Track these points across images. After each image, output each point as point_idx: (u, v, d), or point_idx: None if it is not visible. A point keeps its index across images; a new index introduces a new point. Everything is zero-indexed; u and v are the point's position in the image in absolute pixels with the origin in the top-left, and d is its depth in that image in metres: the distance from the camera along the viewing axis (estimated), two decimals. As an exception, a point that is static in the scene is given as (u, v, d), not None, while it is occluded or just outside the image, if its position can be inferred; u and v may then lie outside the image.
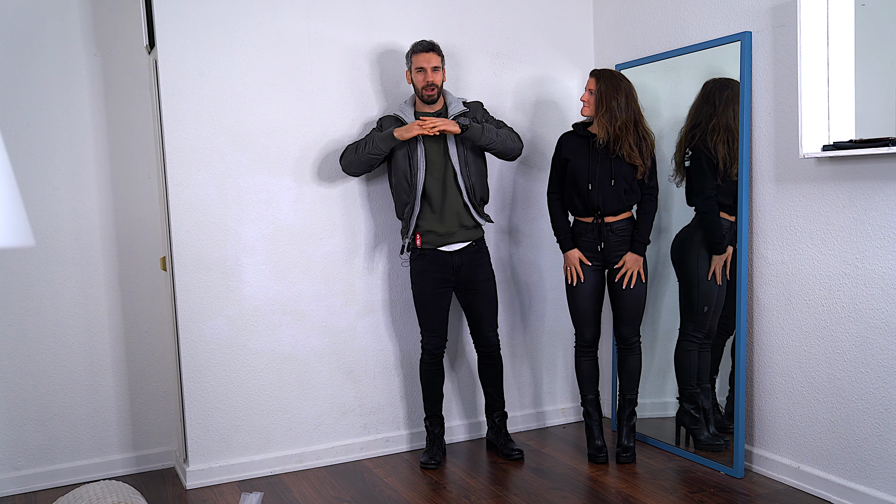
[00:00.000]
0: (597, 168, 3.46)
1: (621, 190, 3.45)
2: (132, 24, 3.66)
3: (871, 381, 2.90)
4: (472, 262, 3.60)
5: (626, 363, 3.62)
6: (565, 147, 3.58)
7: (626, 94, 3.41)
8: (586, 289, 3.56)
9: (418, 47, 3.48)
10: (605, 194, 3.45)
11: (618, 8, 4.02)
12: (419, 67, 3.47)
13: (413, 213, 3.50)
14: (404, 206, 3.54)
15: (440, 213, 3.52)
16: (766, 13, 3.20)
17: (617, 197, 3.45)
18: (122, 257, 3.70)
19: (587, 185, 3.47)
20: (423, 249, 3.55)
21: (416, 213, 3.50)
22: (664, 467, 3.53)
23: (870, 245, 2.87)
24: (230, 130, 3.52)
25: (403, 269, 3.85)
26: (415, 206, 3.50)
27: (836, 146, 2.87)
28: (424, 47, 3.47)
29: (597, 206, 3.47)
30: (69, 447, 3.64)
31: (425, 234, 3.53)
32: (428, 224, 3.52)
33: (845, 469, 3.02)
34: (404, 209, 3.54)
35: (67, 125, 3.57)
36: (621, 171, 3.44)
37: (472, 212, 3.56)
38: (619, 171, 3.44)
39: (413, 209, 3.50)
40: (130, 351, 3.73)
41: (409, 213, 3.52)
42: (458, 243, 3.56)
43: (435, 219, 3.52)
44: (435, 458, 3.66)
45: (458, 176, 3.51)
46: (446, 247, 3.55)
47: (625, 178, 3.44)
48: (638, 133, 3.43)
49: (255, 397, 3.62)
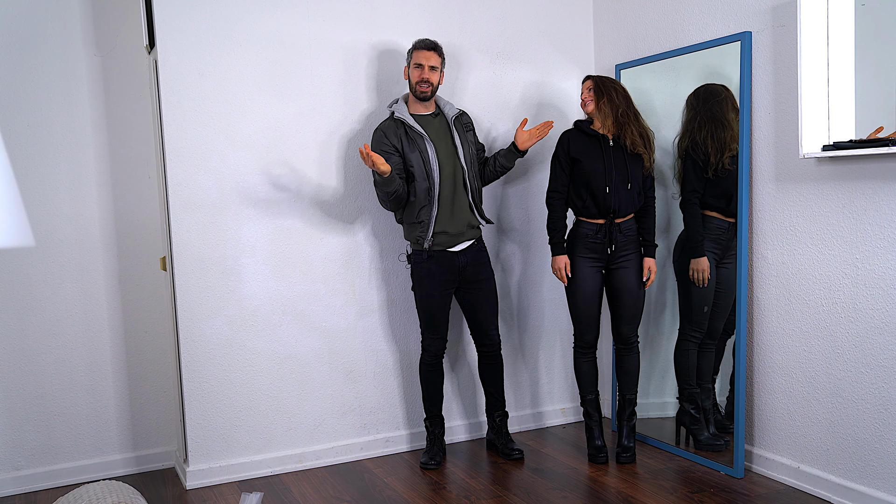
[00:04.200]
0: (613, 171, 3.45)
1: (635, 192, 3.48)
2: (132, 24, 3.66)
3: (871, 381, 2.90)
4: (476, 260, 3.60)
5: (626, 363, 3.62)
6: (573, 146, 3.52)
7: (622, 92, 3.48)
8: (587, 289, 3.56)
9: (420, 44, 3.49)
10: (621, 197, 3.46)
11: (618, 8, 4.02)
12: (418, 63, 3.47)
13: (432, 215, 3.48)
14: (420, 209, 3.50)
15: (451, 213, 3.52)
16: (766, 13, 3.20)
17: (631, 199, 3.48)
18: (122, 257, 3.70)
19: (604, 188, 3.45)
20: (430, 251, 3.54)
21: (434, 214, 3.48)
22: (664, 467, 3.53)
23: (870, 245, 2.87)
24: (230, 130, 3.52)
25: (403, 270, 3.84)
26: (433, 207, 3.48)
27: (836, 146, 2.87)
28: (426, 45, 3.48)
29: (613, 208, 3.47)
30: (69, 447, 3.64)
31: (437, 236, 3.52)
32: (441, 225, 3.51)
33: (845, 469, 3.02)
34: (420, 211, 3.50)
35: (67, 125, 3.57)
36: (635, 173, 3.46)
37: (475, 212, 3.57)
38: (634, 172, 3.46)
39: (431, 211, 3.48)
40: (130, 351, 3.73)
41: (426, 214, 3.49)
42: (463, 242, 3.57)
43: (448, 219, 3.52)
44: (435, 459, 3.66)
45: (466, 176, 3.53)
46: (454, 247, 3.56)
47: (637, 179, 3.47)
48: (639, 124, 3.48)
49: (255, 397, 3.62)
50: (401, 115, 3.48)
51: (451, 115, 3.56)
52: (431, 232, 3.48)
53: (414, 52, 3.49)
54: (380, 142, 3.49)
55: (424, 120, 3.54)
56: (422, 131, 3.47)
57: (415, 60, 3.48)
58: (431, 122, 3.55)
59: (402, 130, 3.49)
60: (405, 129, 3.49)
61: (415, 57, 3.48)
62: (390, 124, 3.51)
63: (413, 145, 3.47)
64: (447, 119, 3.57)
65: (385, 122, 3.53)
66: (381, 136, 3.49)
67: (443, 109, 3.59)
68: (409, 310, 3.88)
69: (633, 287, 3.52)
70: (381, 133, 3.50)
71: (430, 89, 3.49)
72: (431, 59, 3.47)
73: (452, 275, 3.56)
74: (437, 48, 3.50)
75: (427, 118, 3.55)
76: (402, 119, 3.48)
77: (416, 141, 3.47)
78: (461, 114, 3.62)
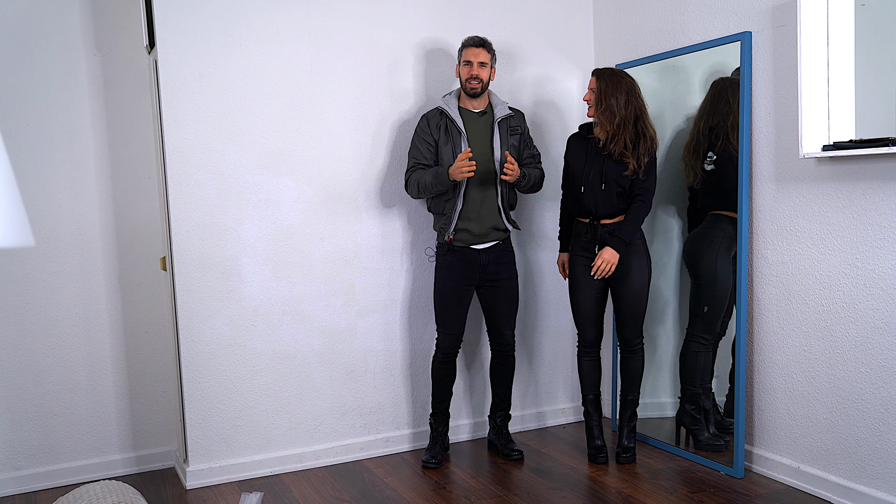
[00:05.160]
0: (590, 171, 3.46)
1: (613, 193, 3.43)
2: (132, 24, 3.66)
3: (871, 381, 2.90)
4: (499, 260, 3.61)
5: (629, 365, 3.62)
6: (569, 149, 3.62)
7: (628, 91, 3.38)
8: (587, 289, 3.56)
9: (469, 41, 3.53)
10: (596, 197, 3.45)
11: (618, 8, 4.02)
12: (467, 61, 3.51)
13: (456, 209, 3.50)
14: (447, 201, 3.54)
15: (478, 213, 3.53)
16: (766, 13, 3.20)
17: (609, 200, 3.44)
18: (122, 257, 3.70)
19: (579, 187, 3.49)
20: (452, 246, 3.56)
21: (458, 209, 3.50)
22: (664, 467, 3.53)
23: (870, 245, 2.87)
24: (230, 130, 3.52)
25: (404, 270, 3.85)
26: (457, 202, 3.50)
27: (836, 146, 2.87)
28: (475, 42, 3.52)
29: (589, 208, 3.47)
30: (69, 447, 3.64)
31: (459, 233, 3.54)
32: (464, 223, 3.53)
33: (845, 469, 3.02)
34: (446, 204, 3.54)
35: (67, 125, 3.57)
36: (613, 175, 3.42)
37: (503, 216, 3.58)
38: (611, 174, 3.42)
39: (456, 205, 3.50)
40: (130, 351, 3.73)
41: (451, 208, 3.52)
42: (488, 242, 3.58)
43: (472, 218, 3.53)
44: (436, 458, 3.66)
45: (498, 179, 3.54)
46: (477, 245, 3.57)
47: (616, 180, 3.42)
48: (637, 130, 3.39)
49: (255, 397, 3.62)
50: (445, 108, 3.54)
51: (500, 115, 3.57)
52: (454, 226, 3.52)
53: (463, 49, 3.53)
54: (423, 130, 3.57)
55: (469, 116, 3.56)
56: (461, 127, 3.52)
57: (464, 58, 3.52)
58: (476, 120, 3.57)
59: (443, 122, 3.55)
60: (447, 121, 3.54)
61: (464, 54, 3.52)
62: (435, 114, 3.58)
63: (448, 138, 3.53)
64: (493, 119, 3.58)
65: (431, 111, 3.60)
66: (425, 123, 3.58)
67: (494, 108, 3.61)
68: (410, 309, 3.88)
69: (631, 290, 3.51)
70: (426, 121, 3.59)
71: (480, 86, 3.52)
72: (480, 56, 3.50)
73: (473, 272, 3.58)
74: (486, 44, 3.52)
75: (473, 115, 3.57)
76: (446, 111, 3.53)
77: (452, 135, 3.52)
78: (512, 115, 3.61)
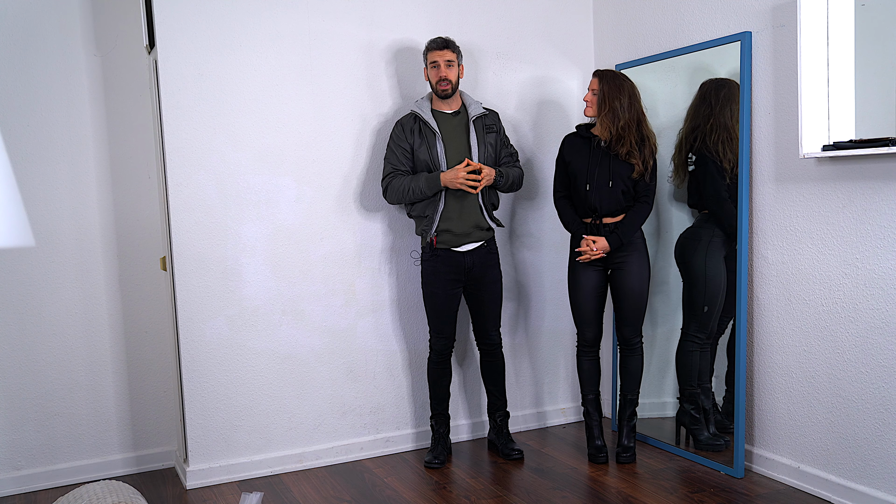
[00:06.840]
0: (595, 169, 3.46)
1: (619, 191, 3.44)
2: (132, 24, 3.66)
3: (871, 381, 2.90)
4: (484, 262, 3.61)
5: (628, 364, 3.62)
6: (566, 150, 3.59)
7: (629, 95, 3.40)
8: (587, 288, 3.56)
9: (433, 44, 3.53)
10: (601, 196, 3.45)
11: (618, 8, 4.02)
12: (433, 62, 3.51)
13: (437, 211, 3.50)
14: (427, 204, 3.53)
15: (458, 213, 3.53)
16: (766, 13, 3.20)
17: (614, 198, 3.45)
18: (122, 257, 3.70)
19: (585, 185, 3.48)
20: (436, 250, 3.56)
21: (440, 210, 3.50)
22: (664, 467, 3.53)
23: (870, 245, 2.87)
24: (230, 130, 3.52)
25: (404, 270, 3.85)
26: (438, 203, 3.51)
27: (836, 146, 2.87)
28: (438, 44, 3.51)
29: (594, 207, 3.47)
30: (69, 447, 3.64)
31: (441, 234, 3.54)
32: (445, 223, 3.53)
33: (845, 469, 3.02)
34: (426, 207, 3.54)
35: (67, 125, 3.57)
36: (620, 172, 3.43)
37: (485, 215, 3.57)
38: (618, 171, 3.43)
39: (437, 206, 3.51)
40: (130, 351, 3.73)
41: (432, 210, 3.52)
42: (471, 244, 3.58)
43: (454, 219, 3.53)
44: (439, 458, 3.66)
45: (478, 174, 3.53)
46: (460, 247, 3.56)
47: (623, 179, 3.44)
48: (640, 133, 3.43)
49: (255, 397, 3.62)
50: (418, 111, 3.53)
51: (474, 114, 3.57)
52: (435, 228, 3.51)
53: (428, 52, 3.53)
54: (398, 136, 3.56)
55: (443, 118, 3.56)
56: (435, 128, 3.51)
57: (430, 60, 3.53)
58: (450, 121, 3.57)
59: (417, 126, 3.54)
60: (420, 124, 3.53)
61: (430, 57, 3.53)
62: (409, 119, 3.58)
63: (423, 141, 3.52)
64: (468, 118, 3.58)
65: (405, 116, 3.60)
66: (400, 129, 3.57)
67: (467, 108, 3.61)
68: (410, 309, 3.88)
69: (632, 289, 3.51)
70: (400, 127, 3.58)
71: (451, 86, 3.53)
72: (446, 55, 3.50)
73: (459, 274, 3.58)
74: (450, 44, 3.52)
75: (446, 116, 3.57)
76: (419, 114, 3.53)
77: (426, 137, 3.52)
78: (486, 114, 3.62)
